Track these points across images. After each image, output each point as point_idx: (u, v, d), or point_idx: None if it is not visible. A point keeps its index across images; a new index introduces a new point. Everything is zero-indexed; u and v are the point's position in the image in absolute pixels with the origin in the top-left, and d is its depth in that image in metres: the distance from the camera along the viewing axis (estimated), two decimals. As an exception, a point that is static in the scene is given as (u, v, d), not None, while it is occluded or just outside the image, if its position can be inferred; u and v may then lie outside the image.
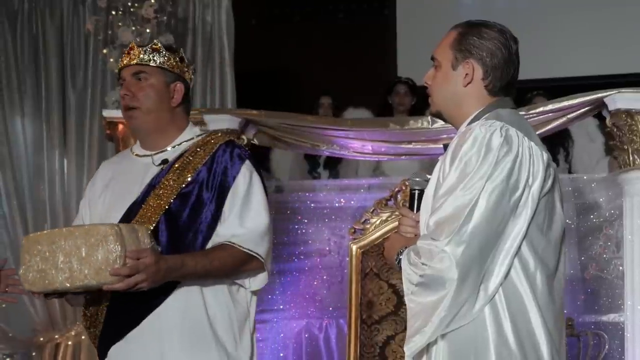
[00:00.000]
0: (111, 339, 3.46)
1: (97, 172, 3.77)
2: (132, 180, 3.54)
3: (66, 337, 6.44)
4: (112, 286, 3.19)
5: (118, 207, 3.50)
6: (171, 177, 3.48)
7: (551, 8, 8.97)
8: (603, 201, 5.46)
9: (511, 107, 2.89)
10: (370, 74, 9.20)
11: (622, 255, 5.24)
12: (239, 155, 3.53)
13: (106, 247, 3.16)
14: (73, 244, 3.20)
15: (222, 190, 3.47)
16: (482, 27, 2.88)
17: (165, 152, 3.56)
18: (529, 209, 2.71)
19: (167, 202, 3.44)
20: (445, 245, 2.65)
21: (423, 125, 5.47)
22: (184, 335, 3.41)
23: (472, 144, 2.70)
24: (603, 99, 5.18)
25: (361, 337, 4.77)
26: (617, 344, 5.28)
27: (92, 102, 6.64)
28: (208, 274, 3.40)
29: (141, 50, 3.54)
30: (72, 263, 3.19)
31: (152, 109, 3.52)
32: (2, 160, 6.55)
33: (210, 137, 3.60)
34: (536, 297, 2.72)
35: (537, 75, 8.11)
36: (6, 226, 6.51)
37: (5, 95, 6.61)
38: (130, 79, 3.53)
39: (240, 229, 3.45)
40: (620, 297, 5.26)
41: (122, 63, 3.58)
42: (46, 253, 3.24)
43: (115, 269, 3.15)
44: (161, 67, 3.54)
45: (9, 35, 6.65)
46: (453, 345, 2.71)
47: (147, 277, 3.21)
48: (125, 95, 3.52)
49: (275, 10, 10.03)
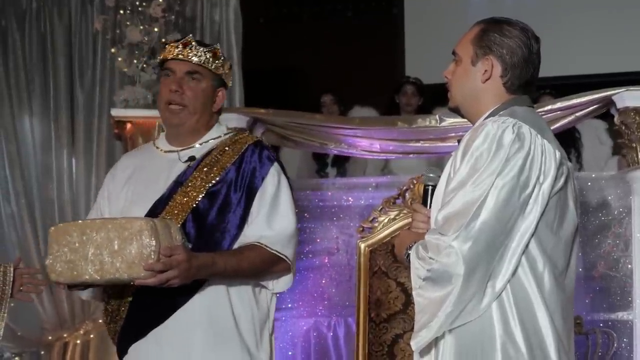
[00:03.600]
0: (133, 336, 3.43)
1: (118, 164, 3.73)
2: (156, 175, 3.52)
3: (75, 335, 6.44)
4: (144, 281, 3.19)
5: (142, 201, 3.48)
6: (199, 174, 3.46)
7: (559, 6, 8.96)
8: (612, 199, 5.45)
9: (528, 105, 2.89)
10: (378, 72, 9.20)
11: (630, 254, 5.24)
12: (268, 157, 3.53)
13: (141, 241, 3.15)
14: (105, 236, 3.19)
15: (250, 191, 3.47)
16: (504, 24, 2.88)
17: (193, 148, 3.55)
18: (539, 206, 2.71)
19: (194, 200, 3.43)
20: (452, 240, 2.65)
21: (431, 123, 5.47)
22: (210, 334, 3.40)
23: (484, 139, 2.70)
24: (611, 97, 5.18)
25: (369, 336, 4.76)
26: (626, 342, 5.27)
27: (101, 101, 6.64)
28: (237, 273, 3.40)
29: (201, 49, 3.53)
30: (103, 255, 3.18)
31: (197, 111, 3.53)
32: (10, 159, 6.55)
33: (238, 137, 3.60)
34: (544, 296, 2.71)
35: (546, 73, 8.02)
36: (15, 225, 6.51)
37: (13, 95, 6.62)
38: (183, 76, 3.51)
39: (268, 231, 3.45)
40: (629, 295, 5.25)
41: (172, 53, 3.55)
42: (76, 244, 3.23)
43: (149, 264, 3.15)
44: (214, 72, 3.55)
45: (17, 35, 6.66)
46: (460, 340, 2.71)
47: (179, 274, 3.21)
48: (175, 91, 3.49)
49: (284, 9, 10.04)
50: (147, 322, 3.40)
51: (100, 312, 6.35)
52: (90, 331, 6.43)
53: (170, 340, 3.38)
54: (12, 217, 6.52)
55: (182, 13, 6.66)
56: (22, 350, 6.49)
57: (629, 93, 5.13)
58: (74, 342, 6.45)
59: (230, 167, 3.48)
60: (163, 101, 3.53)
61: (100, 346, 6.41)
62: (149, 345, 3.40)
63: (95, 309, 6.41)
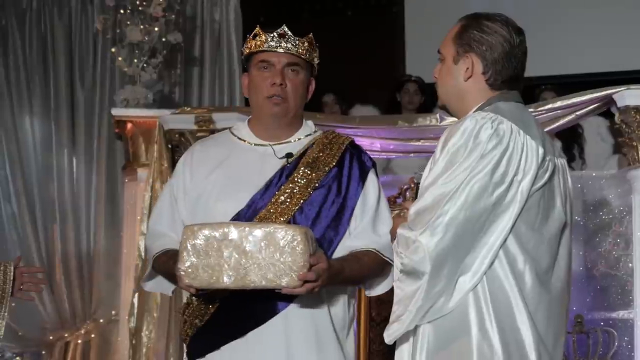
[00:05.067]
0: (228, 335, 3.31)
1: (194, 153, 3.53)
2: (249, 170, 3.38)
3: (76, 335, 6.45)
4: (293, 290, 3.11)
5: (235, 196, 3.33)
6: (301, 173, 3.36)
7: (560, 4, 8.95)
8: (612, 198, 5.46)
9: (516, 100, 2.85)
10: (379, 71, 9.20)
11: (631, 252, 5.25)
12: (368, 160, 3.48)
13: (296, 250, 3.08)
14: (253, 242, 3.09)
15: (353, 194, 3.39)
16: (483, 19, 2.85)
17: (288, 144, 3.44)
18: (517, 204, 2.67)
19: (300, 198, 3.33)
20: (419, 235, 2.63)
21: (431, 122, 5.47)
22: (311, 339, 3.32)
23: (461, 135, 2.68)
24: (612, 96, 5.18)
25: (370, 335, 4.77)
26: (626, 340, 5.28)
27: (101, 100, 6.65)
28: (356, 280, 3.38)
29: (297, 40, 3.43)
30: (249, 262, 3.09)
31: (297, 104, 3.43)
32: (11, 159, 6.56)
33: (332, 136, 3.51)
34: (523, 294, 2.68)
35: (546, 72, 8.10)
36: (15, 225, 6.52)
37: (14, 94, 6.62)
38: (283, 68, 3.39)
39: (376, 237, 3.38)
40: (630, 294, 5.26)
41: (269, 45, 3.41)
42: (216, 248, 3.10)
43: (303, 273, 3.08)
44: (310, 63, 3.47)
45: (17, 34, 6.66)
46: (438, 331, 2.69)
47: (322, 283, 3.15)
48: (280, 85, 3.37)
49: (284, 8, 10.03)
50: (245, 323, 3.29)
51: (101, 311, 6.39)
52: (92, 331, 6.43)
53: (272, 342, 3.28)
54: (13, 216, 6.52)
55: (182, 12, 6.66)
56: (23, 350, 6.49)
57: (630, 92, 5.13)
58: (75, 342, 6.45)
59: (334, 168, 3.39)
60: (263, 95, 3.39)
61: (102, 346, 6.41)
62: (248, 346, 3.28)
63: (96, 309, 6.42)
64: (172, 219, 3.46)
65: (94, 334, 6.43)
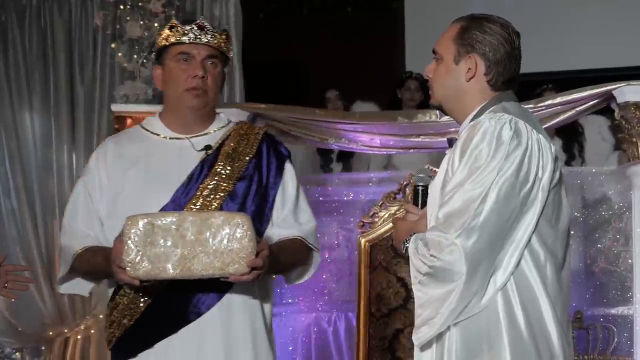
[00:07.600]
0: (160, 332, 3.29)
1: (105, 151, 3.47)
2: (168, 164, 3.36)
3: (75, 331, 6.45)
4: (240, 277, 3.11)
5: (158, 191, 3.31)
6: (222, 164, 3.36)
7: (560, 1, 8.95)
8: (612, 194, 5.46)
9: (514, 100, 2.88)
10: (379, 67, 9.20)
11: (631, 248, 5.25)
12: (284, 150, 3.50)
13: (244, 237, 3.08)
14: (196, 232, 3.08)
15: (273, 184, 3.42)
16: (484, 21, 2.87)
17: (205, 136, 3.43)
18: (539, 201, 2.72)
19: (225, 189, 3.32)
20: (455, 238, 2.65)
21: (431, 118, 5.47)
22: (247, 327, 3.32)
23: (482, 137, 2.70)
24: (612, 92, 5.18)
25: (370, 331, 4.77)
26: (626, 336, 5.28)
27: (101, 96, 6.64)
28: (287, 267, 3.41)
29: (216, 33, 3.42)
30: (195, 252, 3.07)
31: (215, 96, 3.44)
32: (10, 154, 6.55)
33: (247, 126, 3.53)
34: (547, 288, 2.73)
35: (546, 68, 8.10)
36: (15, 221, 6.51)
37: (13, 90, 6.62)
38: (203, 61, 3.38)
39: (299, 225, 3.42)
40: (630, 290, 5.26)
41: (189, 37, 3.38)
42: (160, 239, 3.08)
43: (252, 260, 3.08)
44: (226, 56, 3.47)
45: (17, 30, 6.66)
46: (466, 333, 2.72)
47: (265, 269, 3.16)
48: (201, 78, 3.36)
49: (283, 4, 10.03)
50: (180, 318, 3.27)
51: (101, 307, 6.39)
52: (91, 326, 6.43)
53: (211, 337, 3.27)
54: (13, 212, 6.52)
55: (182, 8, 6.65)
56: (23, 346, 6.50)
57: (630, 87, 5.13)
58: (75, 338, 6.45)
59: (252, 160, 3.40)
60: (182, 87, 3.37)
61: (101, 341, 6.40)
62: (183, 343, 3.26)
63: (96, 304, 6.42)
64: (89, 216, 3.41)
65: (93, 329, 6.43)
